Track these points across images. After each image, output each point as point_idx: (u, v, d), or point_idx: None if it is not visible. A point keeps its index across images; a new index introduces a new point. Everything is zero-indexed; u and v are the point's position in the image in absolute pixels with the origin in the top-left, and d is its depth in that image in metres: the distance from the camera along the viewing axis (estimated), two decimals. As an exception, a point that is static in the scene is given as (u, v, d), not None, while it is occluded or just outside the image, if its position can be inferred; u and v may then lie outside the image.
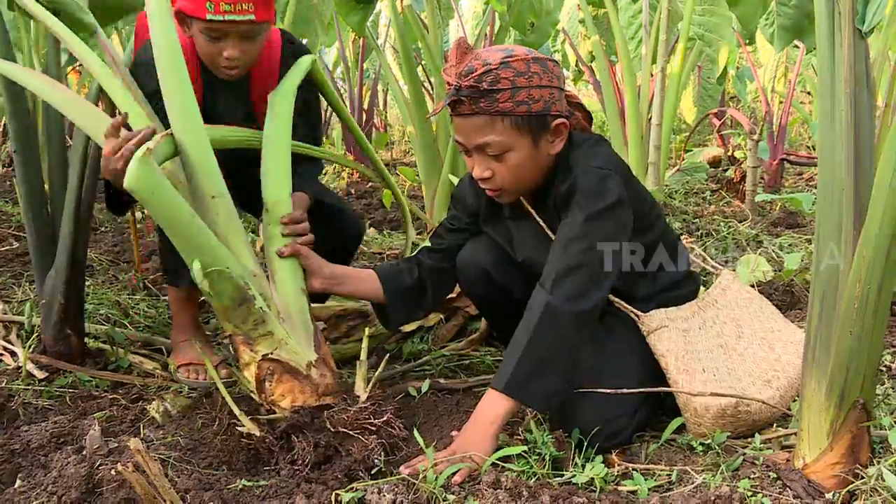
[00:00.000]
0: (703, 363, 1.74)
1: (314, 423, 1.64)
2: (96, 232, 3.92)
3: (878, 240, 1.40)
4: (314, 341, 1.74)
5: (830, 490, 1.48)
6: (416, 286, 1.94)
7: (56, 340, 2.20)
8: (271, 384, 1.67)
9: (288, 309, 1.74)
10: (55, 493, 1.52)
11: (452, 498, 1.48)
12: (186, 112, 1.72)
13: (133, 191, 1.51)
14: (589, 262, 1.62)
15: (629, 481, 1.58)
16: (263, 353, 1.67)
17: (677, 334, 1.76)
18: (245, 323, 1.66)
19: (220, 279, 1.62)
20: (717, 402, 1.68)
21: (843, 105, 1.43)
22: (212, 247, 1.62)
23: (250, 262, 1.73)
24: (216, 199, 1.71)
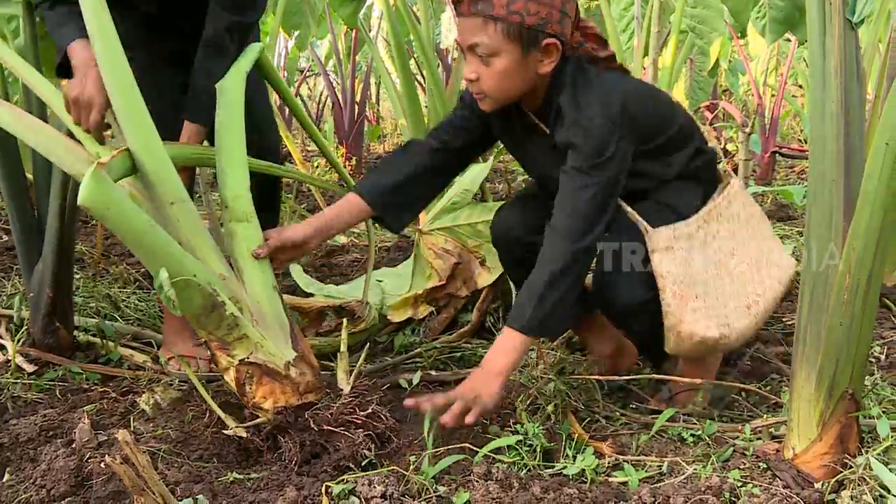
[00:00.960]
0: (697, 288, 1.75)
1: (298, 423, 1.63)
2: (87, 225, 3.90)
3: (868, 231, 1.40)
4: (291, 339, 1.71)
5: (819, 480, 1.49)
6: (408, 189, 1.91)
7: (45, 334, 2.19)
8: (251, 387, 1.65)
9: (261, 309, 1.70)
10: (44, 486, 1.52)
11: (443, 489, 1.48)
12: (136, 118, 1.66)
13: (88, 208, 1.46)
14: (596, 208, 1.70)
15: (620, 472, 1.58)
16: (240, 358, 1.65)
17: (678, 255, 1.76)
18: (218, 329, 1.63)
19: (188, 288, 1.56)
20: (702, 333, 1.72)
21: (834, 96, 1.44)
22: (175, 256, 1.57)
23: (218, 264, 1.69)
24: (175, 205, 1.66)
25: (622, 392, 2.00)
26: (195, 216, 1.71)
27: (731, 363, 2.19)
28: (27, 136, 1.80)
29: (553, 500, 1.42)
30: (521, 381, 1.94)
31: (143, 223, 1.53)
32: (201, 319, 1.62)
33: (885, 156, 1.36)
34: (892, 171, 1.36)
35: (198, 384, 1.72)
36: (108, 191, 1.47)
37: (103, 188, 1.46)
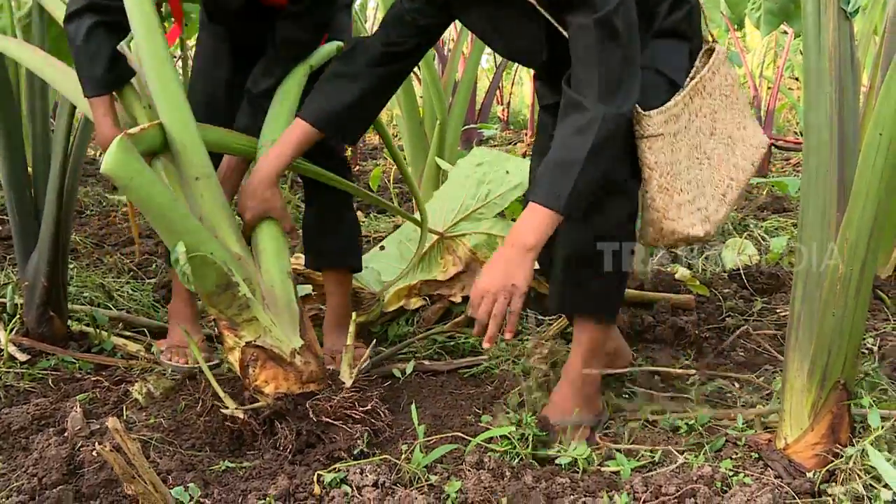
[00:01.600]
0: (681, 178, 1.64)
1: (297, 411, 1.63)
2: (81, 216, 3.89)
3: (861, 221, 1.40)
4: (300, 327, 1.72)
5: (811, 469, 1.50)
6: (356, 112, 1.80)
7: (39, 323, 2.19)
8: (255, 370, 1.66)
9: (273, 294, 1.71)
10: (36, 474, 1.52)
11: (435, 478, 1.48)
12: (168, 91, 1.68)
13: (111, 178, 1.46)
14: (627, 64, 1.52)
15: (612, 462, 1.59)
16: (247, 340, 1.65)
17: (667, 143, 1.62)
18: (229, 308, 1.64)
19: (203, 265, 1.56)
20: (687, 232, 1.63)
21: (829, 86, 1.43)
22: (194, 232, 1.57)
23: (235, 245, 1.70)
24: (200, 180, 1.67)
25: (615, 383, 2.00)
26: (219, 194, 1.70)
27: (724, 353, 2.20)
28: (46, 72, 1.85)
29: (545, 490, 1.42)
30: (514, 372, 1.94)
31: (164, 196, 1.54)
32: (213, 298, 1.62)
33: (879, 146, 1.36)
34: (885, 161, 1.36)
35: (201, 360, 1.72)
36: (133, 161, 1.48)
37: (128, 158, 1.46)
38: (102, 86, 1.78)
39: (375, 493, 1.39)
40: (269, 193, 1.77)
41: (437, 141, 3.70)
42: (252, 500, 1.43)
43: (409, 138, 3.92)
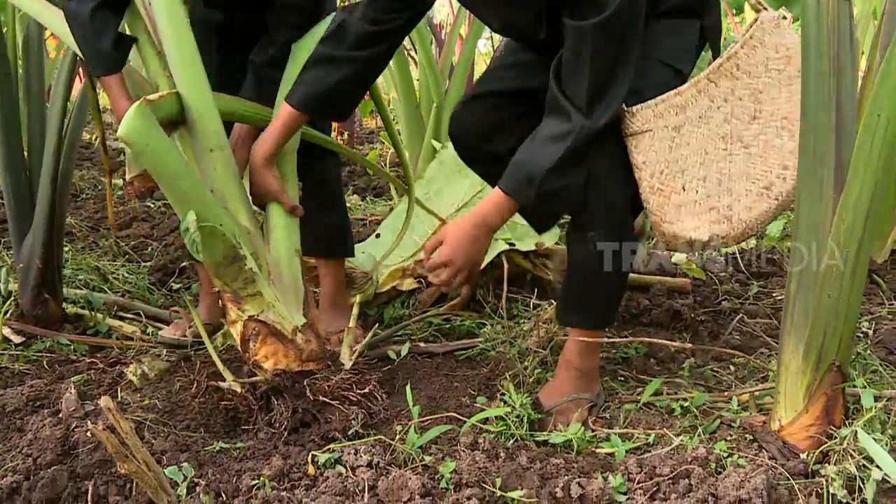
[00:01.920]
0: (685, 177, 1.53)
1: (294, 389, 1.63)
2: (77, 199, 3.88)
3: (858, 203, 1.40)
4: (303, 305, 1.72)
5: (804, 451, 1.50)
6: (342, 96, 1.80)
7: (33, 305, 2.18)
8: (255, 344, 1.66)
9: (280, 270, 1.72)
10: (30, 455, 1.52)
11: (429, 459, 1.48)
12: (188, 61, 1.67)
13: (127, 143, 1.46)
14: (620, 65, 1.50)
15: (607, 443, 1.59)
16: (250, 314, 1.65)
17: (662, 138, 1.54)
18: (234, 281, 1.64)
19: (212, 236, 1.57)
20: (688, 236, 1.53)
21: (826, 67, 1.42)
22: (206, 202, 1.57)
23: (245, 218, 1.70)
24: (214, 152, 1.67)
25: (611, 365, 2.01)
26: (232, 167, 1.71)
27: (720, 336, 2.20)
28: (55, 25, 1.85)
29: (539, 470, 1.42)
30: (510, 355, 1.94)
31: (178, 164, 1.54)
32: (220, 269, 1.62)
33: (877, 127, 1.35)
34: (883, 142, 1.35)
35: (201, 329, 1.74)
36: (150, 127, 1.48)
37: (145, 124, 1.46)
38: (112, 63, 1.79)
39: (370, 473, 1.39)
40: (265, 175, 1.77)
41: (434, 124, 3.69)
42: (246, 480, 1.43)
43: (406, 121, 3.90)
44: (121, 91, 1.80)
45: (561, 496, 1.34)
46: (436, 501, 1.31)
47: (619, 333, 2.17)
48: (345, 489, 1.35)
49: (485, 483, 1.37)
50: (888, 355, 2.03)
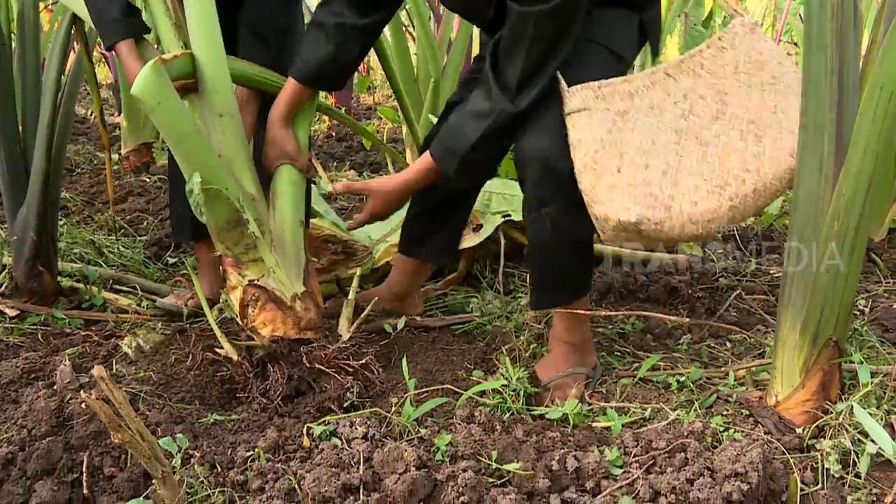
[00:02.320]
0: (623, 160, 1.49)
1: (291, 356, 1.63)
2: (72, 174, 3.85)
3: (859, 177, 1.39)
4: (304, 275, 1.72)
5: (800, 426, 1.50)
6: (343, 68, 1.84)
7: (28, 277, 2.17)
8: (254, 310, 1.66)
9: (282, 238, 1.71)
10: (25, 426, 1.51)
11: (425, 431, 1.48)
12: (205, 25, 1.65)
13: (140, 99, 1.47)
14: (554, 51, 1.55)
15: (603, 417, 1.59)
16: (250, 279, 1.66)
17: (602, 119, 1.51)
18: (236, 245, 1.64)
19: (217, 198, 1.58)
20: (617, 217, 1.46)
21: (829, 39, 1.41)
22: (212, 165, 1.58)
23: (250, 185, 1.70)
24: (224, 117, 1.66)
25: (608, 341, 2.00)
26: (241, 134, 1.71)
27: (717, 313, 2.20)
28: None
29: (535, 444, 1.42)
30: (506, 329, 1.94)
31: (188, 125, 1.54)
32: (222, 233, 1.63)
33: (879, 101, 1.34)
34: (885, 116, 1.34)
35: (201, 295, 1.74)
36: (163, 86, 1.48)
37: (159, 82, 1.47)
38: (124, 29, 1.78)
39: (365, 445, 1.39)
40: (284, 137, 1.79)
41: (431, 99, 3.66)
42: (241, 452, 1.43)
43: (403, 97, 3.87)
44: (134, 59, 1.78)
45: (557, 469, 1.34)
46: (431, 473, 1.31)
47: (616, 308, 2.17)
48: (340, 461, 1.35)
49: (480, 456, 1.37)
50: (884, 333, 2.03)
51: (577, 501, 1.29)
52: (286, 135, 1.79)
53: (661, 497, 1.28)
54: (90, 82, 2.42)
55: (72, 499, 1.42)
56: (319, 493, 1.29)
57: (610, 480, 1.33)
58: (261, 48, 1.89)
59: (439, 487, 1.30)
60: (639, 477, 1.33)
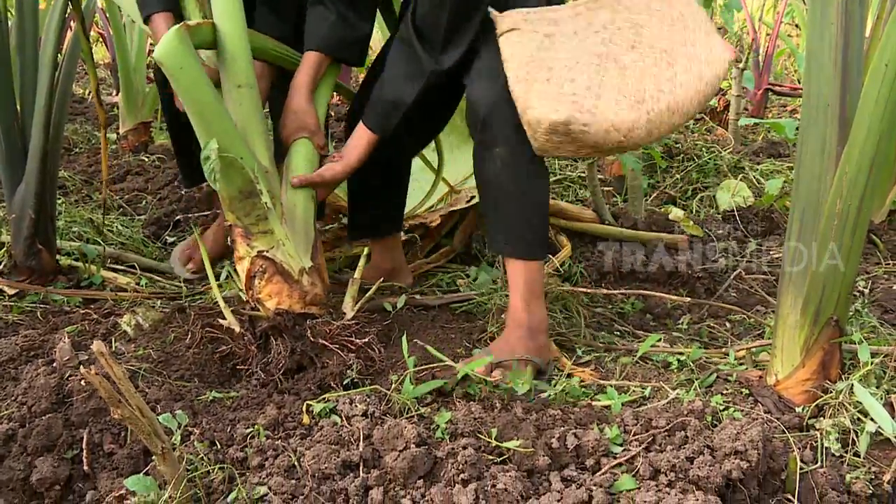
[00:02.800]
0: (552, 73, 1.58)
1: (295, 330, 1.63)
2: (70, 153, 3.84)
3: (862, 156, 1.38)
4: (312, 250, 1.72)
5: (800, 405, 1.50)
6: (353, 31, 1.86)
7: (27, 255, 2.16)
8: (261, 282, 1.66)
9: (293, 213, 1.72)
10: (25, 403, 1.52)
11: (425, 409, 1.48)
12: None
13: (162, 63, 1.48)
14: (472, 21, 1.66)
15: (603, 396, 1.59)
16: (259, 250, 1.66)
17: (531, 38, 1.62)
18: (248, 216, 1.65)
19: (232, 167, 1.59)
20: (549, 117, 1.54)
21: (834, 17, 1.40)
22: (229, 133, 1.59)
23: (265, 158, 1.70)
24: (242, 88, 1.67)
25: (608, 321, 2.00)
26: (258, 106, 1.71)
27: (715, 292, 2.20)
28: None
29: (535, 421, 1.42)
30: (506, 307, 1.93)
31: (207, 92, 1.56)
32: (234, 203, 1.64)
33: (884, 77, 1.33)
34: (890, 93, 1.33)
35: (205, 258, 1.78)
36: (185, 51, 1.52)
37: (182, 48, 1.51)
38: (160, 2, 1.80)
39: (365, 422, 1.39)
40: (307, 111, 1.80)
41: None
42: (240, 429, 1.43)
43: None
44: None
45: (557, 447, 1.34)
46: (431, 451, 1.31)
47: (616, 288, 2.17)
48: (340, 438, 1.35)
49: (480, 433, 1.37)
50: (884, 314, 2.03)
51: (577, 479, 1.29)
52: (309, 108, 1.81)
53: (661, 475, 1.28)
54: (87, 60, 2.40)
55: (72, 475, 1.42)
56: (319, 470, 1.29)
57: (610, 458, 1.33)
58: (276, 22, 1.90)
59: (439, 464, 1.30)
60: (639, 455, 1.33)
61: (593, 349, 1.83)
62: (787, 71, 7.24)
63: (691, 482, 1.25)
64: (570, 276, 2.25)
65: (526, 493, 1.24)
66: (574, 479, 1.29)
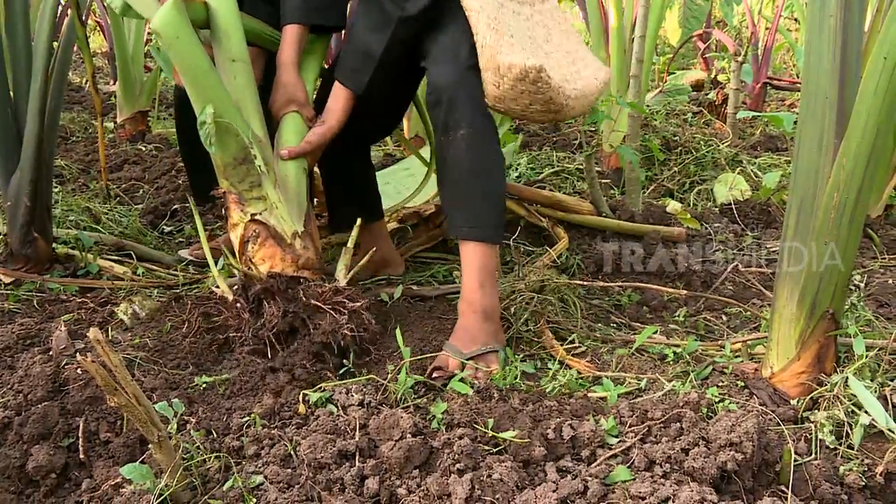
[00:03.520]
0: (514, 32, 1.68)
1: (287, 292, 1.65)
2: (67, 142, 3.83)
3: (859, 148, 1.38)
4: (305, 218, 1.74)
5: (795, 398, 1.50)
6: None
7: (22, 244, 2.16)
8: (254, 246, 1.69)
9: (286, 181, 1.75)
10: (21, 391, 1.51)
11: (421, 400, 1.48)
12: None
13: (158, 33, 1.54)
14: None
15: (599, 387, 1.59)
16: (252, 214, 1.69)
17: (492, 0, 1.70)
18: (241, 182, 1.69)
19: (227, 133, 1.64)
20: (522, 63, 1.61)
21: (834, 8, 1.39)
22: (224, 101, 1.65)
23: (259, 128, 1.73)
24: (236, 62, 1.72)
25: (605, 313, 2.00)
26: (250, 79, 1.75)
27: (712, 285, 2.20)
28: None
29: (532, 412, 1.42)
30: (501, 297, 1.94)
31: (203, 59, 1.62)
32: (228, 169, 1.69)
33: (883, 71, 1.33)
34: (888, 87, 1.33)
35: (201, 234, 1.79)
36: (181, 21, 1.59)
37: (178, 18, 1.58)
38: None
39: (361, 412, 1.39)
40: (297, 84, 1.83)
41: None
42: (237, 418, 1.43)
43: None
44: None
45: (553, 437, 1.35)
46: (427, 440, 1.31)
47: (613, 281, 2.17)
48: (336, 427, 1.35)
49: (476, 424, 1.37)
50: (879, 308, 2.04)
51: (573, 470, 1.30)
52: (297, 81, 1.84)
53: (657, 466, 1.28)
54: (82, 48, 2.39)
55: (68, 463, 1.42)
56: (315, 460, 1.29)
57: (605, 449, 1.34)
58: (265, 6, 1.93)
59: (435, 454, 1.31)
60: (634, 446, 1.33)
61: (590, 340, 1.83)
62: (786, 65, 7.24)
63: (686, 473, 1.25)
64: (567, 268, 2.26)
65: (521, 484, 1.25)
66: (569, 470, 1.30)
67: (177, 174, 3.17)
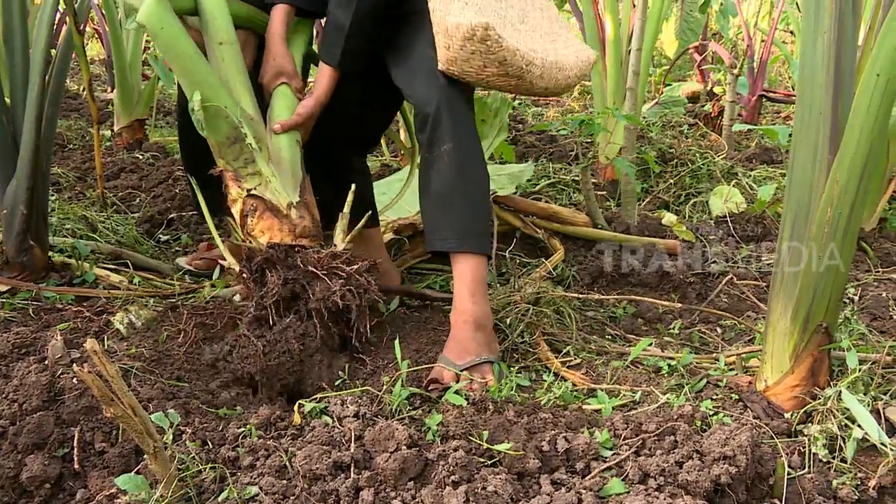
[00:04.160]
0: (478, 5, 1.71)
1: (287, 260, 1.69)
2: (64, 150, 3.83)
3: (853, 164, 1.39)
4: (300, 189, 1.79)
5: (789, 411, 1.51)
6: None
7: (18, 252, 2.16)
8: (253, 219, 1.75)
9: (279, 155, 1.80)
10: (16, 400, 1.51)
11: (416, 412, 1.48)
12: None
13: (144, 25, 1.60)
14: None
15: (594, 400, 1.60)
16: (248, 189, 1.74)
17: None
18: (236, 160, 1.76)
19: (217, 115, 1.71)
20: (469, 22, 1.64)
21: (827, 25, 1.41)
22: (212, 85, 1.71)
23: (249, 106, 1.80)
24: (223, 45, 1.78)
25: (599, 325, 2.01)
26: (240, 60, 1.82)
27: (707, 298, 2.20)
28: None
29: (526, 424, 1.43)
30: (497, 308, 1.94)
31: (189, 48, 1.70)
32: (223, 149, 1.76)
33: (876, 87, 1.34)
34: (881, 103, 1.34)
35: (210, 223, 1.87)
36: (166, 12, 1.66)
37: (162, 9, 1.65)
38: None
39: (356, 423, 1.39)
40: (286, 56, 1.89)
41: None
42: (232, 429, 1.44)
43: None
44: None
45: (547, 450, 1.35)
46: (422, 452, 1.31)
47: (608, 293, 2.18)
48: (331, 439, 1.36)
49: (471, 436, 1.38)
50: (872, 321, 2.05)
51: (567, 482, 1.30)
52: (285, 53, 1.89)
53: (650, 479, 1.29)
54: (79, 55, 2.40)
55: (63, 473, 1.42)
56: (310, 471, 1.29)
57: (599, 462, 1.34)
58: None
59: (430, 466, 1.31)
60: (628, 458, 1.33)
61: (585, 352, 1.84)
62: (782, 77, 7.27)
63: (680, 486, 1.26)
64: (562, 280, 2.26)
65: (516, 496, 1.25)
66: (564, 483, 1.30)
67: (174, 183, 3.17)
